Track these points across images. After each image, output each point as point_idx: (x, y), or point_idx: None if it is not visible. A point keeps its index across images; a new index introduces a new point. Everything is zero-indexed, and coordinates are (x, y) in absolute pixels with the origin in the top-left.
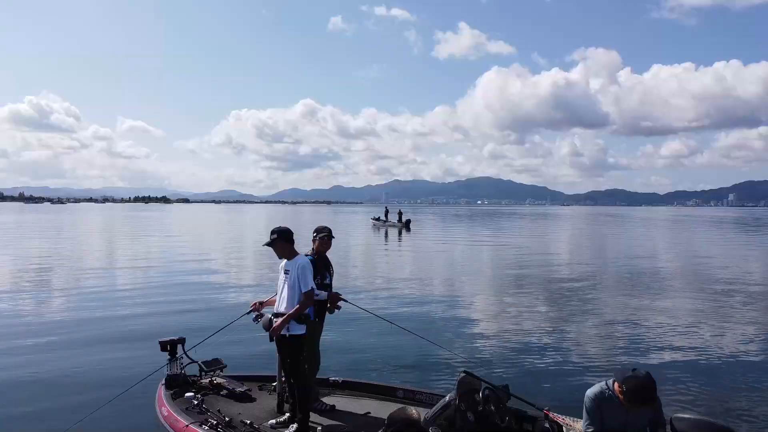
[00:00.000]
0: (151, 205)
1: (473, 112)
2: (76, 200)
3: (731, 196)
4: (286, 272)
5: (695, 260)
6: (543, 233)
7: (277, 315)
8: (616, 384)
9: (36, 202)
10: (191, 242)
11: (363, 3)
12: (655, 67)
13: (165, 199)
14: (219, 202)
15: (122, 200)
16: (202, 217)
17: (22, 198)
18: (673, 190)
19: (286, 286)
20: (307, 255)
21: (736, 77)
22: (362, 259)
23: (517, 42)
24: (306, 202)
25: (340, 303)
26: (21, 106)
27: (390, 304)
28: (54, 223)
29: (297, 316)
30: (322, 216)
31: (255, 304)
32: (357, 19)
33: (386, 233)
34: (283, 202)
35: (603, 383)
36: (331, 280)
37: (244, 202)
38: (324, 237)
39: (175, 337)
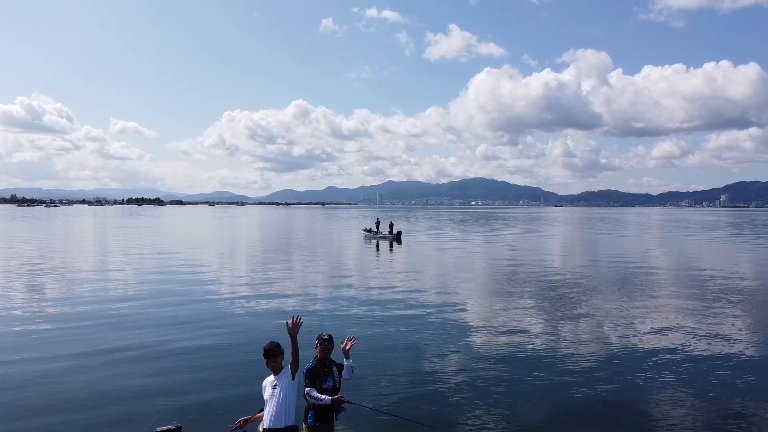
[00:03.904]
0: (145, 207)
1: (466, 114)
2: (69, 202)
3: (723, 197)
4: (274, 387)
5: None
6: (538, 241)
7: (267, 431)
8: None
9: (29, 205)
10: (186, 264)
11: (354, 5)
12: (647, 69)
13: (158, 201)
14: (213, 203)
15: (115, 202)
16: (197, 223)
17: (15, 200)
18: (665, 191)
19: (275, 401)
20: (309, 363)
21: (726, 78)
22: (353, 279)
23: (508, 44)
24: (300, 204)
25: (344, 405)
26: (12, 107)
27: (369, 345)
28: (45, 234)
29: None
30: (316, 218)
31: (240, 421)
32: (348, 21)
33: (377, 246)
34: (277, 204)
35: None
36: (335, 383)
37: (237, 203)
38: (324, 343)
39: (172, 426)
